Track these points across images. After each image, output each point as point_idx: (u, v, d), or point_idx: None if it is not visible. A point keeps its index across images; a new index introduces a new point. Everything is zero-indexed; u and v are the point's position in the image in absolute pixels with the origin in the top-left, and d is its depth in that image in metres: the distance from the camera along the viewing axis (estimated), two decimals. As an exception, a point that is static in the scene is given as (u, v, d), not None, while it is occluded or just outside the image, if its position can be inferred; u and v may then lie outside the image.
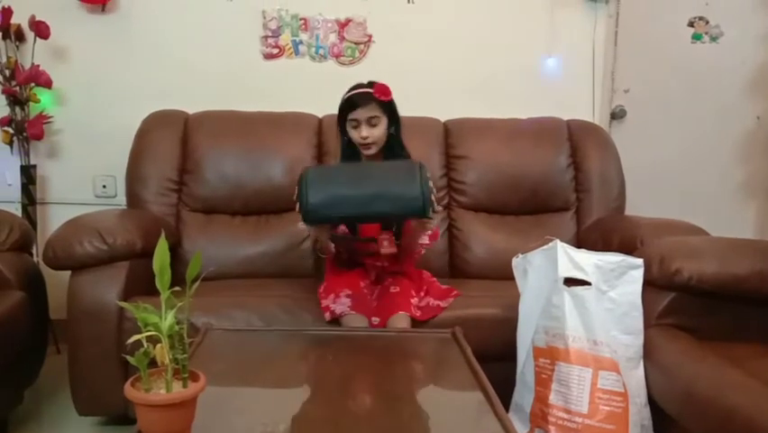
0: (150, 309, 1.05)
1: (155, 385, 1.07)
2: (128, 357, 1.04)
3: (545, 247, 1.87)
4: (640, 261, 1.81)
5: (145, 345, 1.04)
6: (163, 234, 1.03)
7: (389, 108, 2.04)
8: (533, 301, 1.86)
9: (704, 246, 1.85)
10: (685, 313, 1.76)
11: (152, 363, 1.05)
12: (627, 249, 2.06)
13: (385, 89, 2.01)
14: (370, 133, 1.99)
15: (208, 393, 1.08)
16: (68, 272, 1.95)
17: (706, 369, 1.50)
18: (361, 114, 1.98)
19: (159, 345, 1.02)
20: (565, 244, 1.85)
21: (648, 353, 1.73)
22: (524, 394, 1.87)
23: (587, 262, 1.81)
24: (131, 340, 1.02)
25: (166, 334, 1.03)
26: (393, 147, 2.05)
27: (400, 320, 1.89)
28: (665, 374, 1.63)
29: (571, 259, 1.82)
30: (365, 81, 2.07)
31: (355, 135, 2.01)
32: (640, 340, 1.76)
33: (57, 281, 2.09)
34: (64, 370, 1.97)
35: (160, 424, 1.05)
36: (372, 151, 2.02)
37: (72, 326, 1.93)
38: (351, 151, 2.07)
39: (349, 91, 2.05)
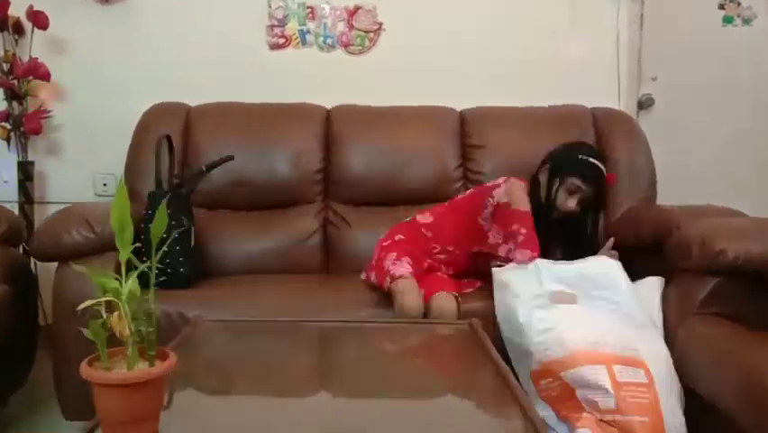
0: (110, 274, 0.90)
1: (118, 365, 0.92)
2: (83, 330, 0.89)
3: (525, 267, 1.80)
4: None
5: (104, 315, 0.89)
6: (122, 181, 0.88)
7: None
8: (516, 322, 1.72)
9: (749, 226, 1.68)
10: (731, 300, 1.58)
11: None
12: (661, 237, 1.89)
13: (614, 180, 2.09)
14: (579, 207, 1.97)
15: (190, 392, 0.93)
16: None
17: (765, 355, 1.30)
18: (586, 188, 1.95)
19: (116, 314, 0.87)
20: (544, 261, 1.80)
21: (691, 343, 1.54)
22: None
23: (570, 273, 1.75)
24: (82, 306, 0.87)
25: (126, 301, 0.88)
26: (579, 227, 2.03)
27: (447, 299, 1.79)
28: (716, 364, 1.44)
29: (554, 274, 1.76)
30: (594, 152, 2.07)
31: (564, 200, 1.96)
32: (649, 332, 1.65)
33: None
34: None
35: (121, 408, 0.90)
36: (565, 216, 1.99)
37: (58, 322, 1.80)
38: (541, 206, 1.98)
39: (578, 151, 2.01)
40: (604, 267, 1.78)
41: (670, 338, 1.68)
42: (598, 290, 1.71)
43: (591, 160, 1.97)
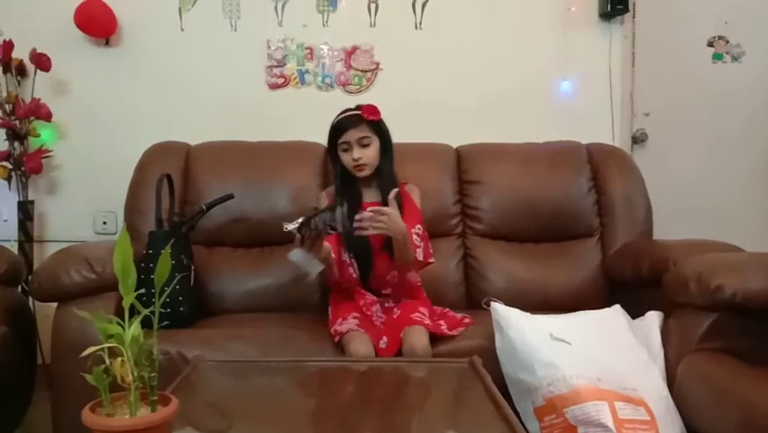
0: (114, 319, 0.91)
1: (120, 411, 0.92)
2: (86, 375, 0.89)
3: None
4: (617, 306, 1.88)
5: (107, 360, 0.90)
6: (124, 227, 0.89)
7: (380, 129, 2.02)
8: (519, 359, 1.72)
9: (747, 261, 1.68)
10: (731, 335, 1.58)
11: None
12: (659, 272, 1.91)
13: (373, 109, 2.00)
14: (363, 153, 1.96)
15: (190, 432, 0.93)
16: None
17: (766, 392, 1.30)
18: (351, 135, 1.96)
19: (119, 360, 0.88)
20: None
21: (691, 380, 1.54)
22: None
23: (567, 324, 1.77)
24: (86, 352, 0.87)
25: (129, 346, 0.88)
26: (382, 169, 2.02)
27: (418, 334, 1.75)
28: (716, 401, 1.44)
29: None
30: (353, 106, 2.06)
31: (347, 158, 1.99)
32: (648, 371, 1.66)
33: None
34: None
35: (123, 455, 0.89)
36: (366, 172, 1.99)
37: (56, 363, 1.79)
38: (345, 178, 2.04)
39: (337, 116, 2.04)
40: (603, 312, 1.81)
41: (670, 374, 1.68)
42: (598, 329, 1.72)
43: (342, 115, 2.01)
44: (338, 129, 1.99)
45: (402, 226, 1.81)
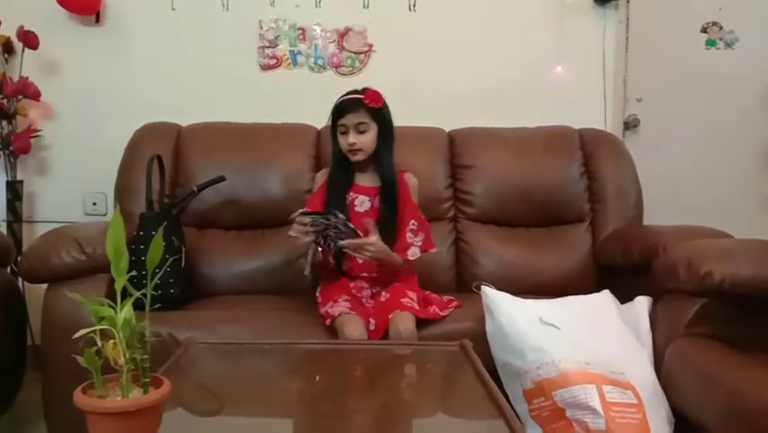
0: (106, 301, 0.90)
1: (112, 393, 0.92)
2: (77, 357, 0.89)
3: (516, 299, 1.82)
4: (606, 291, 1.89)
5: (99, 342, 0.90)
6: (118, 209, 0.89)
7: (380, 116, 2.00)
8: (508, 343, 1.73)
9: (736, 248, 1.70)
10: (719, 321, 1.60)
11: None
12: (649, 258, 1.92)
13: (375, 96, 1.99)
14: (358, 139, 1.96)
15: (181, 413, 0.93)
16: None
17: (752, 378, 1.32)
18: (349, 119, 1.97)
19: (111, 342, 0.87)
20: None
21: (678, 364, 1.56)
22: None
23: (556, 309, 1.79)
24: (78, 334, 0.87)
25: (120, 328, 0.88)
26: (381, 156, 2.02)
27: (404, 319, 1.76)
28: (703, 386, 1.46)
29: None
30: (360, 88, 2.04)
31: (342, 142, 1.99)
32: (637, 355, 1.68)
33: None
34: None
35: (115, 437, 0.90)
36: (359, 157, 1.99)
37: (47, 344, 1.78)
38: (341, 158, 2.04)
39: (341, 97, 2.03)
40: (593, 297, 1.83)
41: (658, 358, 1.70)
42: (587, 314, 1.73)
43: (344, 97, 2.01)
44: (338, 111, 1.99)
45: (385, 249, 1.87)
